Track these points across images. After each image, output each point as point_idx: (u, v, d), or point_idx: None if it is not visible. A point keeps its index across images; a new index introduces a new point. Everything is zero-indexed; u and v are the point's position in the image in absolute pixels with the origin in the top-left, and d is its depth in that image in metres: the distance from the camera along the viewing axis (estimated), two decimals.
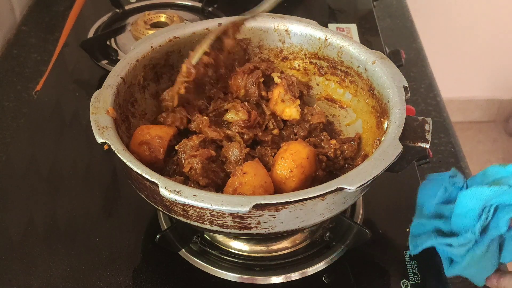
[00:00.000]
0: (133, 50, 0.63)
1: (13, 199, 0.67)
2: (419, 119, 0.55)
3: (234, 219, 0.49)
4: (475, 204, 0.49)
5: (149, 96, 0.65)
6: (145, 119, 0.64)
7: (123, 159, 0.50)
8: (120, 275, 0.59)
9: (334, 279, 0.59)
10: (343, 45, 0.65)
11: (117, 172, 0.71)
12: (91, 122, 0.53)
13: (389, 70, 0.60)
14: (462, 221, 0.51)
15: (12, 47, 0.99)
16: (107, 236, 0.63)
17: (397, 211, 0.66)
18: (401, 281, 0.59)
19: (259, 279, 0.59)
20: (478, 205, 0.49)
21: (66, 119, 0.79)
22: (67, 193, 0.68)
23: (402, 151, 0.50)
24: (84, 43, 0.88)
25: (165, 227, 0.63)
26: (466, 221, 0.50)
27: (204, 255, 0.61)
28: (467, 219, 0.50)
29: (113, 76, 0.59)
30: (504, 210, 0.49)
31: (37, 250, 0.61)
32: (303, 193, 0.47)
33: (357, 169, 0.49)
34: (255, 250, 0.62)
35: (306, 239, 0.63)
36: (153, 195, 0.51)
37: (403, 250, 0.62)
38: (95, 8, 1.01)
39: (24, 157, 0.73)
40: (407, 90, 0.57)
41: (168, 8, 1.01)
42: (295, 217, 0.49)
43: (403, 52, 0.90)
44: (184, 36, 0.67)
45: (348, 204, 0.54)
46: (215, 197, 0.46)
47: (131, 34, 0.92)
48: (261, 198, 0.46)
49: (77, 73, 0.88)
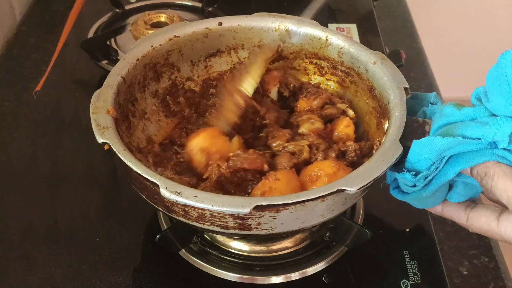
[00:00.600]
0: (133, 49, 0.63)
1: (13, 199, 0.67)
2: (419, 120, 0.55)
3: (235, 220, 0.49)
4: (428, 155, 0.49)
5: (149, 95, 0.65)
6: (145, 118, 0.64)
7: (124, 159, 0.50)
8: (120, 275, 0.59)
9: (334, 279, 0.59)
10: (343, 45, 0.65)
11: (117, 172, 0.71)
12: (92, 121, 0.53)
13: (389, 71, 0.60)
14: (413, 167, 0.50)
15: (12, 47, 0.99)
16: (107, 236, 0.63)
17: (397, 211, 0.66)
18: (401, 281, 0.59)
19: (259, 279, 0.59)
20: (431, 156, 0.49)
21: (66, 119, 0.79)
22: (67, 193, 0.68)
23: (402, 152, 0.50)
24: (84, 43, 0.88)
25: (165, 227, 0.63)
26: (417, 168, 0.50)
27: (204, 255, 0.61)
28: (418, 166, 0.50)
29: (114, 76, 0.59)
30: (455, 161, 0.49)
31: (37, 250, 0.61)
32: (304, 194, 0.47)
33: (358, 171, 0.49)
34: (255, 250, 0.62)
35: (306, 239, 0.63)
36: (154, 195, 0.51)
37: (403, 250, 0.62)
38: (95, 8, 1.01)
39: (24, 157, 0.73)
40: (408, 91, 0.57)
41: (168, 8, 1.01)
42: (296, 218, 0.49)
43: (403, 52, 0.90)
44: (185, 35, 0.67)
45: (348, 205, 0.54)
46: (215, 198, 0.46)
47: (131, 34, 0.92)
48: (261, 199, 0.46)
49: (77, 73, 0.88)
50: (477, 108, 0.50)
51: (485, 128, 0.47)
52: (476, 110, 0.50)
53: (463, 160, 0.48)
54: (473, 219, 0.51)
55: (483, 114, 0.49)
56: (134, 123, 0.61)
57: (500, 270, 0.66)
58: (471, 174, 0.49)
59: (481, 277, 0.65)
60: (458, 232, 0.70)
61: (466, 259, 0.67)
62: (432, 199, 0.53)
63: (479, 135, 0.47)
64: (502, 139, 0.46)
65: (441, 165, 0.49)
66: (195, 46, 0.68)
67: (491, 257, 0.67)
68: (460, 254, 0.67)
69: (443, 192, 0.52)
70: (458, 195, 0.52)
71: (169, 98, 0.67)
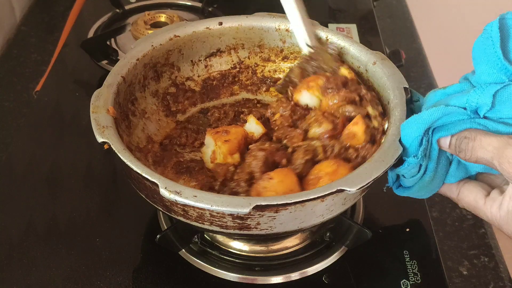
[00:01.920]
0: (134, 49, 0.63)
1: (13, 199, 0.67)
2: None
3: (234, 220, 0.49)
4: (417, 132, 0.49)
5: (149, 94, 0.65)
6: (145, 117, 0.64)
7: (123, 158, 0.50)
8: (120, 275, 0.59)
9: (334, 279, 0.59)
10: (343, 45, 0.65)
11: (117, 172, 0.71)
12: (92, 121, 0.53)
13: (389, 71, 0.60)
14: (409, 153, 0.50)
15: (12, 47, 0.99)
16: (107, 236, 0.63)
17: (397, 211, 0.66)
18: (401, 281, 0.59)
19: (259, 279, 0.59)
20: (420, 132, 0.49)
21: (66, 119, 0.79)
22: (67, 193, 0.68)
23: (402, 152, 0.50)
24: (84, 43, 0.88)
25: (165, 227, 0.63)
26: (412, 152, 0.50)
27: (204, 255, 0.61)
28: (412, 150, 0.50)
29: (114, 75, 0.59)
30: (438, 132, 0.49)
31: (37, 250, 0.61)
32: (303, 194, 0.47)
33: (357, 171, 0.49)
34: (255, 250, 0.62)
35: (306, 239, 0.63)
36: (153, 195, 0.51)
37: (403, 250, 0.62)
38: (95, 8, 1.01)
39: (24, 157, 0.73)
40: (408, 91, 0.57)
41: (168, 8, 1.01)
42: (295, 218, 0.49)
43: (403, 52, 0.90)
44: (185, 35, 0.67)
45: (348, 205, 0.54)
46: (215, 198, 0.46)
47: (131, 34, 0.92)
48: (261, 199, 0.46)
49: (77, 73, 0.88)
50: (462, 83, 0.51)
51: (468, 94, 0.47)
52: (461, 85, 0.50)
53: (446, 129, 0.49)
54: (463, 194, 0.52)
55: (467, 87, 0.50)
56: (134, 122, 0.62)
57: (500, 270, 0.66)
58: (450, 145, 0.49)
59: (481, 277, 0.65)
60: (458, 232, 0.70)
61: (466, 259, 0.67)
62: (435, 182, 0.53)
63: (462, 102, 0.47)
64: (485, 101, 0.46)
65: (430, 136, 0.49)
66: (195, 46, 0.68)
67: (491, 257, 0.67)
68: (460, 254, 0.67)
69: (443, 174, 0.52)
70: (451, 176, 0.52)
71: (169, 97, 0.67)
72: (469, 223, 0.71)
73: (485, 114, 0.47)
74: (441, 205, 0.73)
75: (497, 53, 0.46)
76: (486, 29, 0.47)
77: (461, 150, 0.48)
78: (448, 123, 0.48)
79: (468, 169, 0.52)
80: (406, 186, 0.54)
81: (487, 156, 0.45)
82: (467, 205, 0.51)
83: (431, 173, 0.51)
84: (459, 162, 0.51)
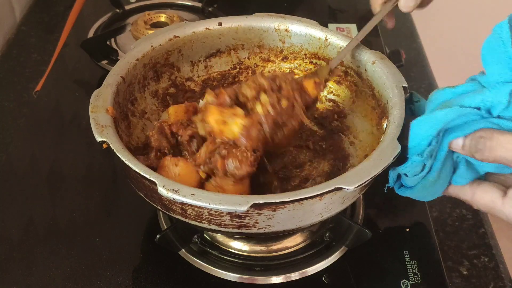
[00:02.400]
0: (133, 49, 0.63)
1: (13, 199, 0.67)
2: None
3: (232, 218, 0.49)
4: (428, 132, 0.48)
5: (149, 95, 0.65)
6: (145, 118, 0.64)
7: (122, 157, 0.50)
8: (120, 275, 0.59)
9: (334, 279, 0.59)
10: (343, 45, 0.65)
11: (117, 172, 0.71)
12: (91, 120, 0.53)
13: (388, 70, 0.60)
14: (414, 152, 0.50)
15: (12, 47, 0.99)
16: (107, 236, 0.63)
17: (397, 211, 0.66)
18: (401, 281, 0.59)
19: (259, 279, 0.59)
20: (432, 132, 0.48)
21: (66, 119, 0.79)
22: (67, 193, 0.68)
23: (400, 151, 0.50)
24: (84, 43, 0.88)
25: (165, 227, 0.63)
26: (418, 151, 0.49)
27: (204, 255, 0.61)
28: (419, 149, 0.49)
29: (113, 75, 0.59)
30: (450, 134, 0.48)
31: (37, 250, 0.61)
32: (301, 192, 0.47)
33: (356, 169, 0.49)
34: (255, 250, 0.62)
35: (306, 239, 0.63)
36: (152, 193, 0.51)
37: (403, 250, 0.62)
38: (95, 8, 1.01)
39: (24, 157, 0.73)
40: (407, 90, 0.57)
41: (168, 8, 1.01)
42: (293, 216, 0.49)
43: (403, 52, 0.90)
44: (185, 36, 0.67)
45: (347, 204, 0.54)
46: (213, 196, 0.46)
47: (131, 34, 0.92)
48: (259, 197, 0.46)
49: (77, 73, 0.88)
50: (472, 83, 0.50)
51: (483, 93, 0.46)
52: (471, 85, 0.50)
53: (459, 129, 0.48)
54: (479, 195, 0.51)
55: (478, 87, 0.49)
56: (134, 122, 0.62)
57: (500, 270, 0.66)
58: (463, 146, 0.48)
59: (481, 277, 0.65)
60: (458, 232, 0.70)
61: (466, 259, 0.67)
62: (439, 184, 0.52)
63: (477, 102, 0.46)
64: (501, 100, 0.45)
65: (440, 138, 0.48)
66: (195, 46, 0.68)
67: (491, 257, 0.67)
68: (460, 254, 0.67)
69: (447, 176, 0.52)
70: (460, 177, 0.52)
71: (169, 98, 0.67)
72: (469, 223, 0.71)
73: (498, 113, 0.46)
74: (441, 205, 0.73)
75: (508, 53, 0.45)
76: (495, 30, 0.46)
77: (478, 150, 0.46)
78: (461, 124, 0.48)
79: (478, 169, 0.51)
80: (408, 185, 0.54)
81: (507, 155, 0.45)
82: (483, 206, 0.50)
83: (435, 173, 0.50)
84: (467, 163, 0.51)
